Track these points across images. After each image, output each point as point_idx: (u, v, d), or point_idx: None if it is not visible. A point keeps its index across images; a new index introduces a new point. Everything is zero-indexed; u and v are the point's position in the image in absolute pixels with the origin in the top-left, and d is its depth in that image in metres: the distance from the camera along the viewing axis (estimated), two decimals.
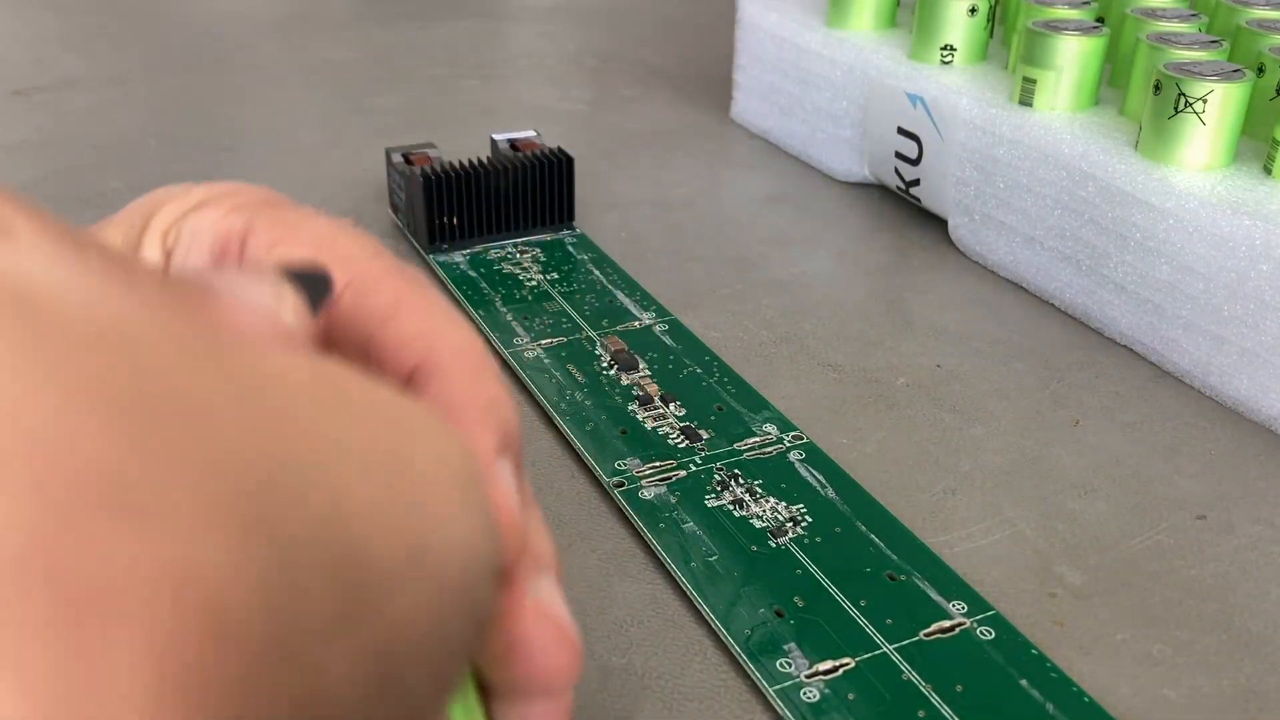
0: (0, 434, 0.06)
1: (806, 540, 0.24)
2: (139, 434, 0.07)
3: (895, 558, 0.23)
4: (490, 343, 0.31)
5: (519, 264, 0.35)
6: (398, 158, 0.37)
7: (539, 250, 0.36)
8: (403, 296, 0.16)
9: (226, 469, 0.07)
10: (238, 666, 0.07)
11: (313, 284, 0.13)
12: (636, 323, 0.32)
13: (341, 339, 0.16)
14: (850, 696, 0.20)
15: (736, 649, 0.21)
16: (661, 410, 0.28)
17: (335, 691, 0.08)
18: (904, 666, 0.21)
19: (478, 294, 0.34)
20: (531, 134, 0.38)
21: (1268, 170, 0.30)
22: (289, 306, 0.12)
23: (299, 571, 0.08)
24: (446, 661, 0.10)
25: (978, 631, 0.22)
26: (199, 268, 0.16)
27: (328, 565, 0.08)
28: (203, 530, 0.07)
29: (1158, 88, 0.30)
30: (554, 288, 0.34)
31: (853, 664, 0.21)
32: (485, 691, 0.15)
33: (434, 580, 0.10)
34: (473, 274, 0.35)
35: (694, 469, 0.26)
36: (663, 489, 0.25)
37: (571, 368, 0.30)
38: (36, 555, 0.06)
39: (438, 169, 0.35)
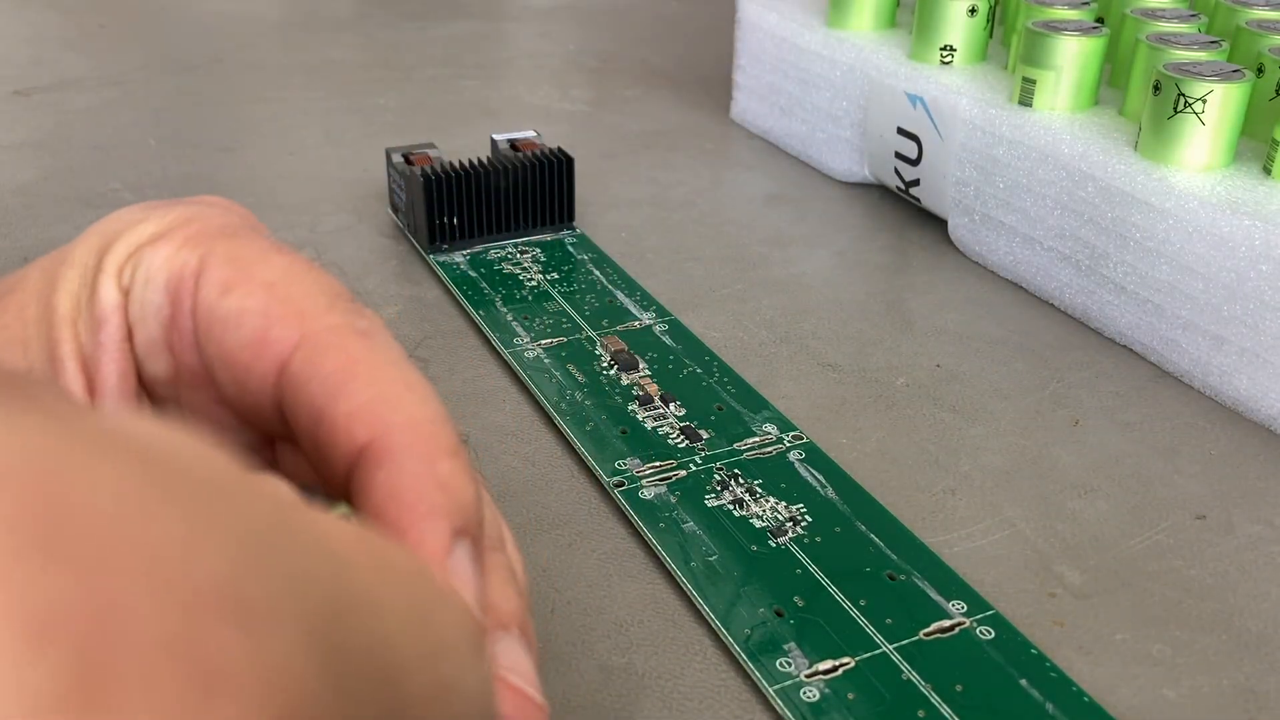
0: (140, 553, 0.08)
1: (806, 540, 0.24)
2: (249, 562, 0.08)
3: (895, 557, 0.24)
4: (490, 342, 0.31)
5: (519, 264, 0.35)
6: (398, 158, 0.37)
7: (539, 250, 0.36)
8: (355, 358, 0.15)
9: (309, 597, 0.09)
10: None
11: None
12: (636, 323, 0.32)
13: (293, 404, 0.15)
14: (850, 696, 0.20)
15: (736, 649, 0.21)
16: (661, 410, 0.28)
17: None
18: (904, 666, 0.21)
19: (478, 294, 0.34)
20: (531, 134, 0.38)
21: (1267, 170, 0.30)
22: None
23: (353, 686, 0.09)
24: None
25: (977, 631, 0.22)
26: None
27: (374, 685, 0.10)
28: (294, 640, 0.08)
29: (1157, 88, 0.30)
30: (554, 288, 0.34)
31: (852, 664, 0.21)
32: None
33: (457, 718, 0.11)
34: (473, 274, 0.35)
35: (694, 469, 0.26)
36: (663, 489, 0.25)
37: (571, 368, 0.30)
38: (177, 641, 0.07)
39: (438, 169, 0.35)
